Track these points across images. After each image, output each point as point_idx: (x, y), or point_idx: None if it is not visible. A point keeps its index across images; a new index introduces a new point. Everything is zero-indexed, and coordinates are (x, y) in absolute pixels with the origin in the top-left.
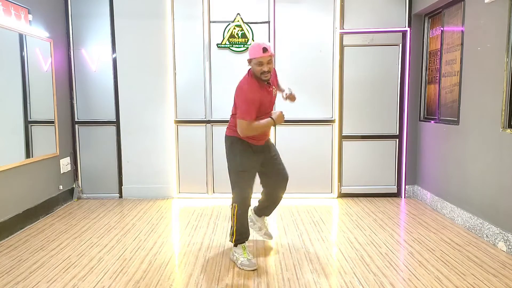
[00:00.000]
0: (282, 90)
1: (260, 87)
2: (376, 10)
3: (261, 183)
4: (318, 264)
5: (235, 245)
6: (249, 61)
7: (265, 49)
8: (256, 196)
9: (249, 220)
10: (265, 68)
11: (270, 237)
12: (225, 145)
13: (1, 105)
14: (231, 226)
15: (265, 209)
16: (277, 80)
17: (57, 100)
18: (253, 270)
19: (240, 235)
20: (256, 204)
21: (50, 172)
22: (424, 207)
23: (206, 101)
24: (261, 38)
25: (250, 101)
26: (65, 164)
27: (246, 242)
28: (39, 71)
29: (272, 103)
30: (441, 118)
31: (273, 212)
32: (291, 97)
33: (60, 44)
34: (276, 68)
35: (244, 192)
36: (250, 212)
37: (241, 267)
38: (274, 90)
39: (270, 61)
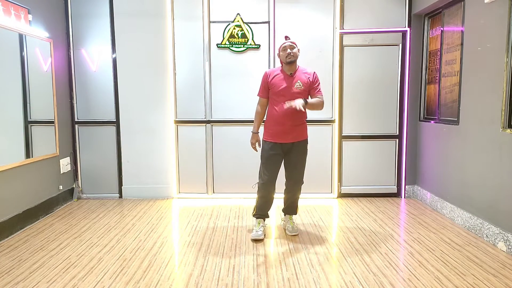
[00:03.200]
0: (307, 97)
1: (279, 73)
2: (376, 10)
3: None
4: (318, 264)
5: (255, 217)
6: (279, 54)
7: (287, 37)
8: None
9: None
10: (288, 50)
11: (291, 232)
12: None
13: (1, 105)
14: (255, 201)
15: (284, 207)
16: (316, 84)
17: (57, 100)
18: (255, 240)
19: (258, 211)
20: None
21: (50, 172)
22: (424, 207)
23: (206, 101)
24: (261, 38)
25: (262, 79)
26: (65, 164)
27: (264, 219)
28: (39, 71)
29: (289, 91)
30: (441, 118)
31: (291, 209)
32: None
33: (60, 44)
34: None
35: (261, 173)
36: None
37: (251, 236)
38: (298, 83)
39: (292, 47)
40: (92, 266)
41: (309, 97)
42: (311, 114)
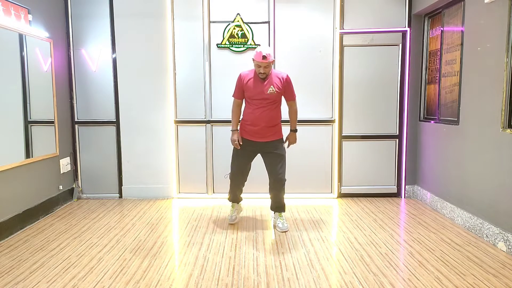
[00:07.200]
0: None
1: (254, 76)
2: (376, 10)
3: None
4: (318, 264)
5: (230, 201)
6: (253, 60)
7: (264, 57)
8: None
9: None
10: (261, 70)
11: (281, 229)
12: None
13: (1, 105)
14: (229, 187)
15: (271, 205)
16: (290, 89)
17: (57, 100)
18: (230, 223)
19: (231, 196)
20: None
21: (50, 172)
22: (424, 207)
23: (206, 101)
24: (261, 38)
25: (236, 82)
26: (65, 164)
27: (238, 203)
28: (39, 71)
29: (262, 94)
30: (441, 118)
31: (278, 207)
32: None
33: (60, 44)
34: (276, 68)
35: (232, 166)
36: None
37: (228, 222)
38: (271, 88)
39: (267, 66)
40: (92, 266)
41: (292, 109)
42: (311, 114)
